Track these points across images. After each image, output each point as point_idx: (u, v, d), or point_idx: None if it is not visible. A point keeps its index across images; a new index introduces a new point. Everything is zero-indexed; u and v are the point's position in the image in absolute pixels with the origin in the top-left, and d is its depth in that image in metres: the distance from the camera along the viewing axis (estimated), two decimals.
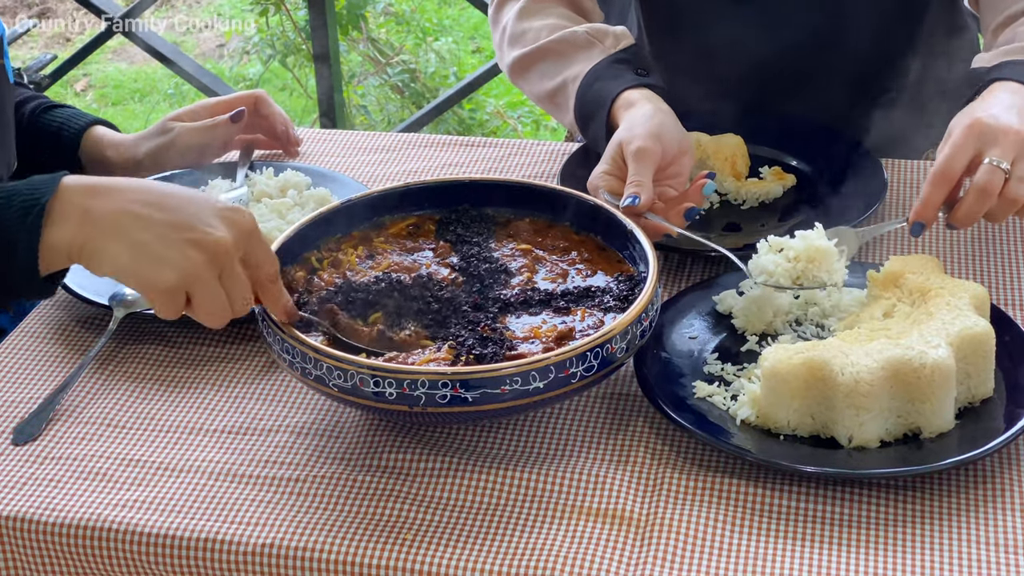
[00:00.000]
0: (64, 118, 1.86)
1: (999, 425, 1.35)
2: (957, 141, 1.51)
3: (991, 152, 1.49)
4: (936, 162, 1.52)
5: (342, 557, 1.27)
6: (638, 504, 1.32)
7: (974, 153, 1.50)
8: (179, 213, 1.27)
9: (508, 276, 1.50)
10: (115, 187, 1.29)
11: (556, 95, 1.83)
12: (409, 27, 4.70)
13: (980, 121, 1.51)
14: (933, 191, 1.51)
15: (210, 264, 1.26)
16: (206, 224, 1.26)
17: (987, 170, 1.48)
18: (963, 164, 1.51)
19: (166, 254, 1.25)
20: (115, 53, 5.39)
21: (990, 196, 1.49)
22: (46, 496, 1.36)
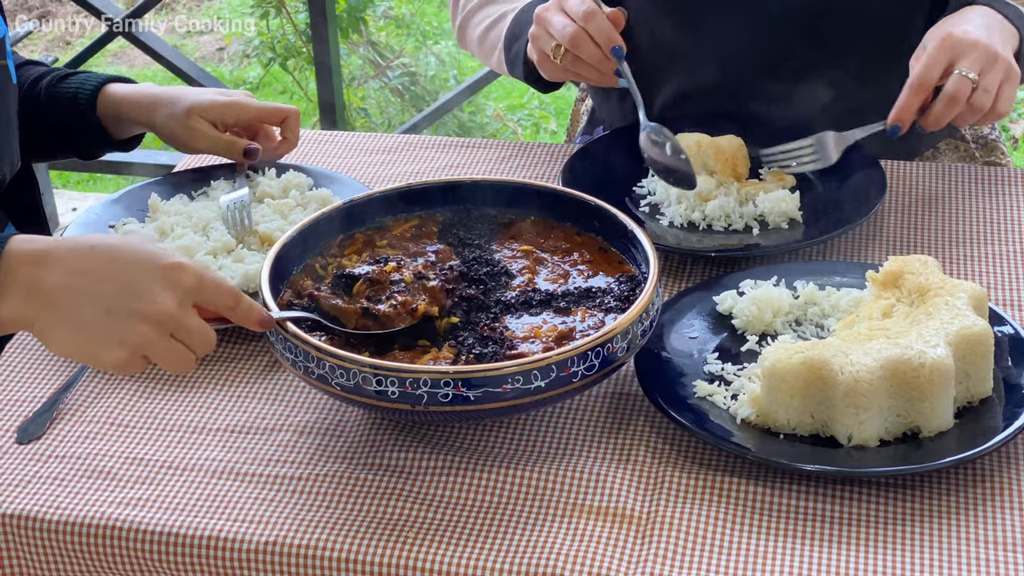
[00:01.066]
0: (77, 83, 1.85)
1: (997, 424, 1.35)
2: (932, 53, 1.65)
3: (961, 63, 1.64)
4: (913, 71, 1.67)
5: (345, 555, 1.28)
6: (639, 502, 1.33)
7: (947, 63, 1.65)
8: (122, 284, 1.26)
9: (509, 278, 1.51)
10: (59, 255, 1.27)
11: (491, 29, 1.92)
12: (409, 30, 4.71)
13: (952, 35, 1.65)
14: (910, 97, 1.67)
15: (158, 331, 1.26)
16: (149, 292, 1.26)
17: (956, 80, 1.64)
18: (937, 73, 1.65)
19: (112, 332, 1.26)
20: (115, 56, 5.40)
21: (958, 103, 1.64)
22: (50, 494, 1.37)
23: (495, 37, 1.95)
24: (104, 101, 1.84)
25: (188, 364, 1.30)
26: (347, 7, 4.24)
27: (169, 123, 1.81)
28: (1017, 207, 1.78)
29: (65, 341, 1.27)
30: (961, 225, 1.75)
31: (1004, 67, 1.66)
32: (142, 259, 1.28)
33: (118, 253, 1.28)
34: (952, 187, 1.84)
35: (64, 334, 1.27)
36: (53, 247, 1.28)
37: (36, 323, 1.27)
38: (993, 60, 1.65)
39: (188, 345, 1.29)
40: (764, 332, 1.51)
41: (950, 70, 1.65)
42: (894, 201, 1.81)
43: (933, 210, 1.79)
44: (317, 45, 3.67)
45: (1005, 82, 1.67)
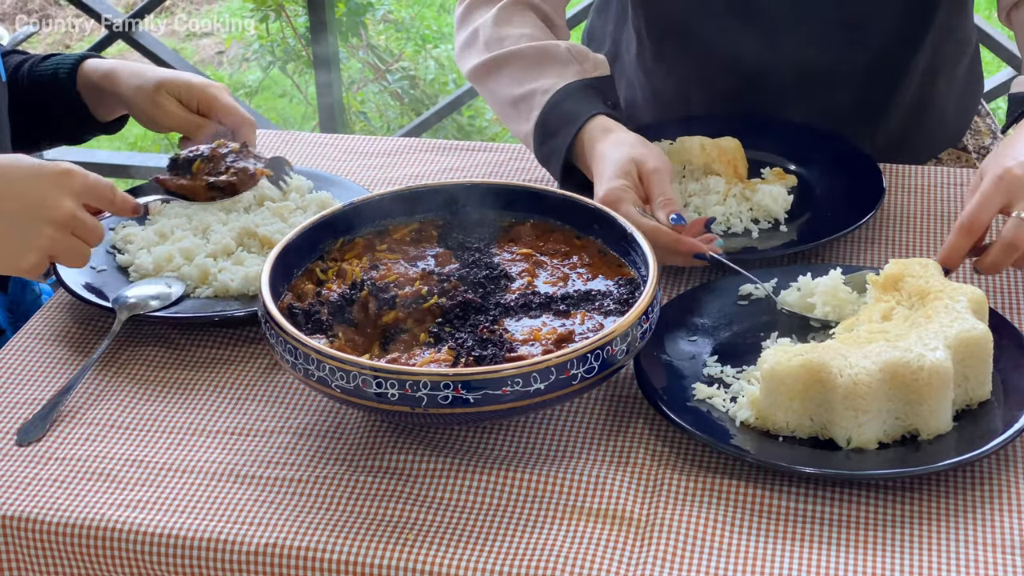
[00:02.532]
0: (56, 62, 1.86)
1: (996, 427, 1.35)
2: (986, 191, 1.50)
3: (1020, 204, 1.49)
4: (964, 210, 1.52)
5: (344, 557, 1.28)
6: (638, 505, 1.33)
7: (1002, 204, 1.50)
8: (22, 197, 1.45)
9: (509, 281, 1.51)
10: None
11: (520, 102, 1.81)
12: (408, 34, 4.71)
13: (1010, 171, 1.50)
14: (959, 240, 1.51)
15: (62, 232, 1.46)
16: (50, 199, 1.45)
17: (1015, 224, 1.49)
18: (991, 215, 1.50)
19: (23, 240, 1.45)
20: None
21: (1016, 250, 1.49)
22: (50, 496, 1.37)
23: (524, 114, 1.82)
24: (83, 75, 1.84)
25: (85, 259, 1.50)
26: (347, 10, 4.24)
27: (139, 96, 1.81)
28: None
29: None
30: None
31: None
32: (33, 173, 1.46)
33: (7, 172, 1.46)
34: (952, 190, 1.84)
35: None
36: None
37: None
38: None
39: (86, 240, 1.49)
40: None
41: (1007, 211, 1.50)
42: (894, 204, 1.81)
43: (933, 213, 1.79)
44: (317, 48, 3.67)
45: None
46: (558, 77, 1.78)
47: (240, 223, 1.71)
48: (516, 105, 1.82)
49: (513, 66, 1.83)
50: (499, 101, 1.86)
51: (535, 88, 1.79)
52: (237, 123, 1.80)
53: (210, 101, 1.80)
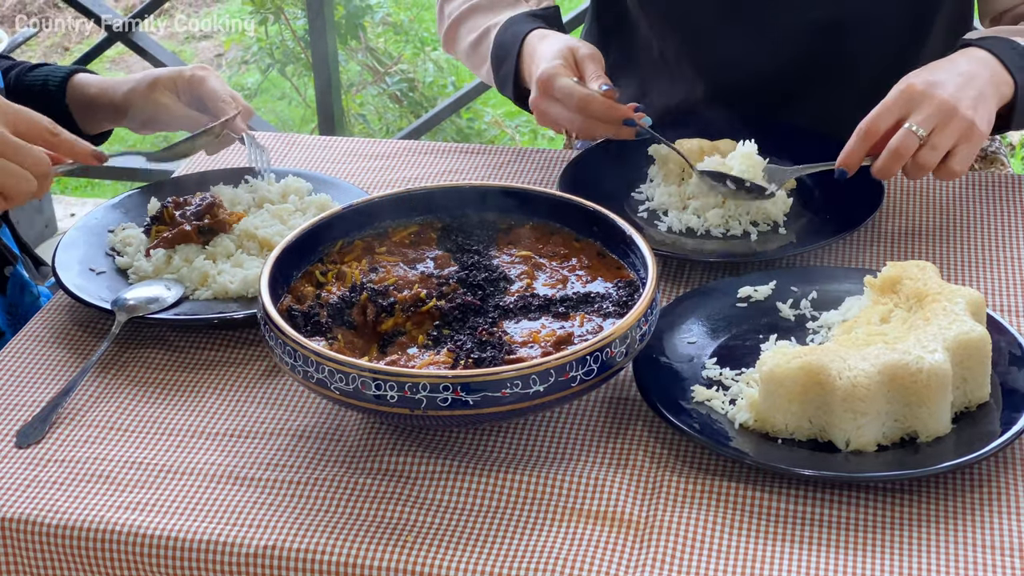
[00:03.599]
0: (46, 72, 1.87)
1: (995, 429, 1.36)
2: (887, 102, 1.62)
3: (914, 117, 1.60)
4: (865, 117, 1.63)
5: (343, 559, 1.28)
6: (637, 507, 1.33)
7: (900, 115, 1.61)
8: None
9: (508, 283, 1.51)
10: None
11: (479, 44, 1.94)
12: (407, 37, 4.71)
13: (912, 85, 1.62)
14: (857, 143, 1.64)
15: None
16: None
17: (903, 134, 1.60)
18: (886, 123, 1.62)
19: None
20: (113, 62, 5.40)
21: (901, 158, 1.60)
22: (49, 498, 1.37)
23: (482, 54, 1.96)
24: (73, 88, 1.85)
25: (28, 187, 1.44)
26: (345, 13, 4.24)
27: (135, 99, 1.82)
28: (1015, 213, 1.79)
29: None
30: (959, 231, 1.75)
31: (962, 127, 1.59)
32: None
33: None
34: (950, 192, 1.84)
35: None
36: None
37: None
38: (949, 117, 1.59)
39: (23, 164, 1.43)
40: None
41: (901, 122, 1.61)
42: (892, 207, 1.81)
43: (931, 216, 1.79)
44: (316, 51, 3.68)
45: (962, 142, 1.60)
46: (508, 13, 1.93)
47: (240, 225, 1.71)
48: (476, 49, 1.96)
49: (469, 18, 1.98)
50: (465, 53, 2.00)
51: (488, 26, 1.93)
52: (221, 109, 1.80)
53: (198, 84, 1.81)
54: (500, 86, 1.93)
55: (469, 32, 1.98)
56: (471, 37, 1.98)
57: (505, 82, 1.90)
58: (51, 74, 1.87)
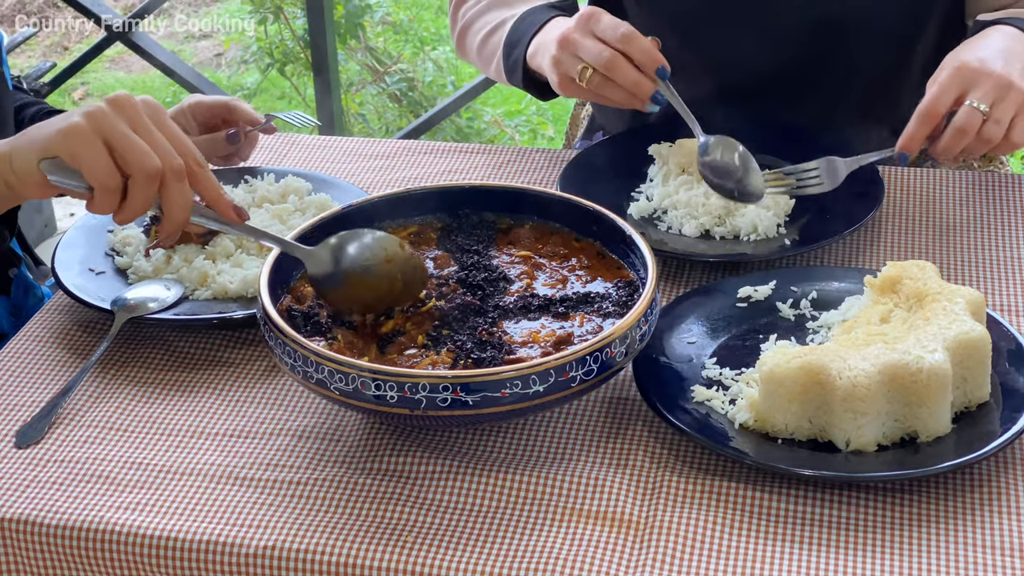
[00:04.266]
0: None
1: (995, 429, 1.36)
2: (943, 82, 1.63)
3: (973, 94, 1.61)
4: (924, 100, 1.64)
5: (343, 559, 1.28)
6: (637, 507, 1.33)
7: (958, 93, 1.62)
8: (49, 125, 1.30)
9: (508, 283, 1.51)
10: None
11: (491, 36, 1.92)
12: (407, 36, 4.72)
13: (966, 64, 1.63)
14: (918, 126, 1.64)
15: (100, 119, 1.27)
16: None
17: (967, 111, 1.60)
18: (948, 103, 1.62)
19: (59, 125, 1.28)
20: (112, 62, 5.40)
21: (967, 135, 1.61)
22: (49, 499, 1.37)
23: (494, 44, 1.94)
24: None
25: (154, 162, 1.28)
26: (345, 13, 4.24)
27: None
28: (1015, 212, 1.79)
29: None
30: (959, 231, 1.75)
31: (1020, 98, 1.62)
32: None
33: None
34: (950, 192, 1.84)
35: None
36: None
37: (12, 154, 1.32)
38: (1007, 90, 1.61)
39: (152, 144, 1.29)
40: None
41: (961, 100, 1.62)
42: (892, 206, 1.81)
43: (931, 215, 1.79)
44: (315, 51, 3.68)
45: (1020, 114, 1.62)
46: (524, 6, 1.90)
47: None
48: (487, 40, 1.92)
49: (485, 14, 1.95)
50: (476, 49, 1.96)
51: (504, 18, 1.90)
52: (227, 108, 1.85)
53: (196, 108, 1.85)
54: (508, 73, 1.88)
55: (482, 27, 1.95)
56: (484, 31, 1.94)
57: (515, 68, 1.86)
58: None
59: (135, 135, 1.28)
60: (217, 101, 1.87)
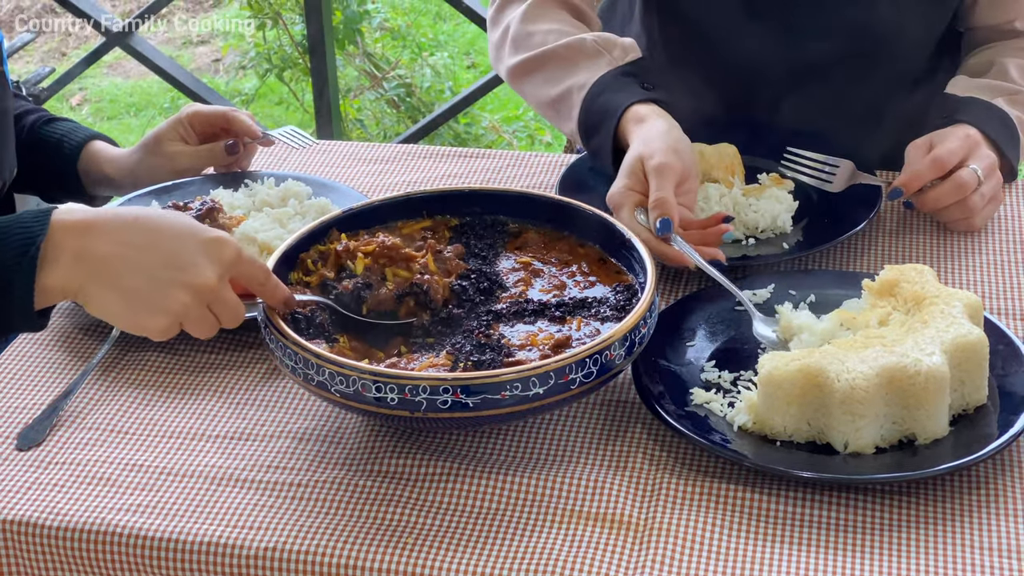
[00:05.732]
0: (64, 131, 1.90)
1: (992, 432, 1.36)
2: (954, 143, 1.72)
3: (973, 161, 1.71)
4: (936, 150, 1.72)
5: (343, 561, 1.29)
6: (636, 509, 1.33)
7: (963, 157, 1.72)
8: (166, 254, 1.31)
9: (502, 290, 1.51)
10: (104, 225, 1.31)
11: (559, 102, 1.85)
12: (405, 42, 4.72)
13: (973, 135, 1.74)
14: (927, 171, 1.71)
15: (198, 302, 1.32)
16: (192, 264, 1.31)
17: (969, 172, 1.70)
18: (955, 161, 1.71)
19: (156, 300, 1.30)
20: (111, 67, 5.41)
21: (961, 193, 1.70)
22: (50, 500, 1.37)
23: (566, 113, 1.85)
24: (89, 158, 1.89)
25: (212, 332, 1.35)
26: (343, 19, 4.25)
27: (148, 159, 1.87)
28: (1011, 217, 1.80)
29: (110, 305, 1.32)
30: (956, 234, 1.76)
31: (998, 187, 1.75)
32: (185, 231, 1.33)
33: (161, 224, 1.33)
34: None
35: (109, 298, 1.31)
36: (98, 216, 1.32)
37: (81, 289, 1.31)
38: (994, 173, 1.73)
39: (219, 317, 1.34)
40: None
41: (963, 163, 1.71)
42: (890, 210, 1.82)
43: (929, 219, 1.80)
44: (314, 56, 3.68)
45: (992, 200, 1.75)
46: (591, 71, 1.82)
47: (240, 229, 1.72)
48: (556, 107, 1.86)
49: (545, 67, 1.87)
50: (539, 103, 1.90)
51: (570, 86, 1.83)
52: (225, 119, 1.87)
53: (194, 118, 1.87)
54: (592, 154, 1.83)
55: (546, 84, 1.87)
56: (549, 92, 1.86)
57: (598, 155, 1.80)
58: (67, 136, 1.89)
59: (205, 316, 1.34)
60: (215, 111, 1.88)
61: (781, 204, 1.76)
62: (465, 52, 5.18)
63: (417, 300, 1.48)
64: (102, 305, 1.31)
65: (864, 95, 1.95)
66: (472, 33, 5.20)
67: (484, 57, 5.11)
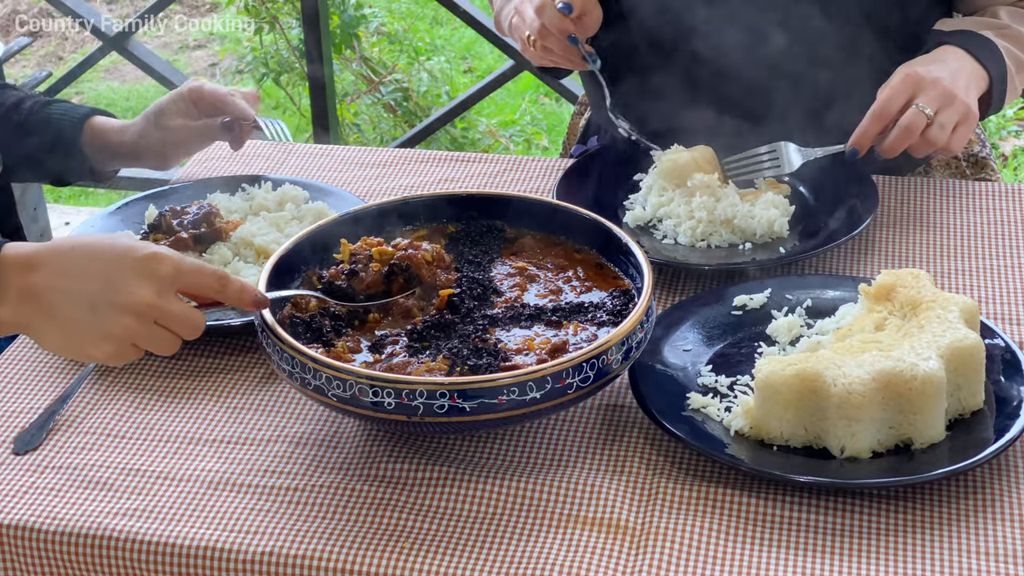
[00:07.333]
0: (63, 111, 1.91)
1: (989, 436, 1.36)
2: (895, 86, 1.76)
3: (920, 99, 1.74)
4: (876, 101, 1.76)
5: (340, 565, 1.29)
6: (633, 513, 1.33)
7: (908, 97, 1.75)
8: (101, 280, 1.29)
9: (497, 296, 1.51)
10: (44, 259, 1.31)
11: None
12: (402, 46, 4.72)
13: (916, 72, 1.76)
14: (870, 124, 1.76)
15: (140, 321, 1.29)
16: (126, 285, 1.29)
17: (913, 113, 1.73)
18: (897, 105, 1.75)
19: (98, 328, 1.29)
20: (107, 72, 5.41)
21: (911, 135, 1.73)
22: (46, 505, 1.37)
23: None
24: (91, 131, 1.89)
25: (174, 347, 1.32)
26: (340, 23, 4.25)
27: (148, 131, 1.88)
28: (1007, 222, 1.80)
29: (56, 340, 1.31)
30: (952, 239, 1.76)
31: (962, 109, 1.75)
32: (118, 253, 1.30)
33: (95, 250, 1.31)
34: (943, 202, 1.85)
35: (54, 333, 1.31)
36: (39, 251, 1.31)
37: (29, 325, 1.31)
38: (951, 99, 1.74)
39: (173, 330, 1.31)
40: None
41: (910, 104, 1.74)
42: (886, 215, 1.82)
43: (925, 224, 1.80)
44: (310, 61, 3.68)
45: (961, 123, 1.76)
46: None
47: (237, 233, 1.72)
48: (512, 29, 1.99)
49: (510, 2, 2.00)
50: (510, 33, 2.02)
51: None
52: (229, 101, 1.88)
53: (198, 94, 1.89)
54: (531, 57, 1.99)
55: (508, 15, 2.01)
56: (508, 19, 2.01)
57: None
58: (67, 114, 1.90)
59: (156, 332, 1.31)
60: (215, 92, 1.89)
61: (777, 209, 1.76)
62: (462, 56, 5.18)
63: (406, 277, 1.48)
64: (48, 340, 1.31)
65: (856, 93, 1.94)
66: (469, 38, 5.20)
67: (481, 61, 5.12)
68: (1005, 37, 1.85)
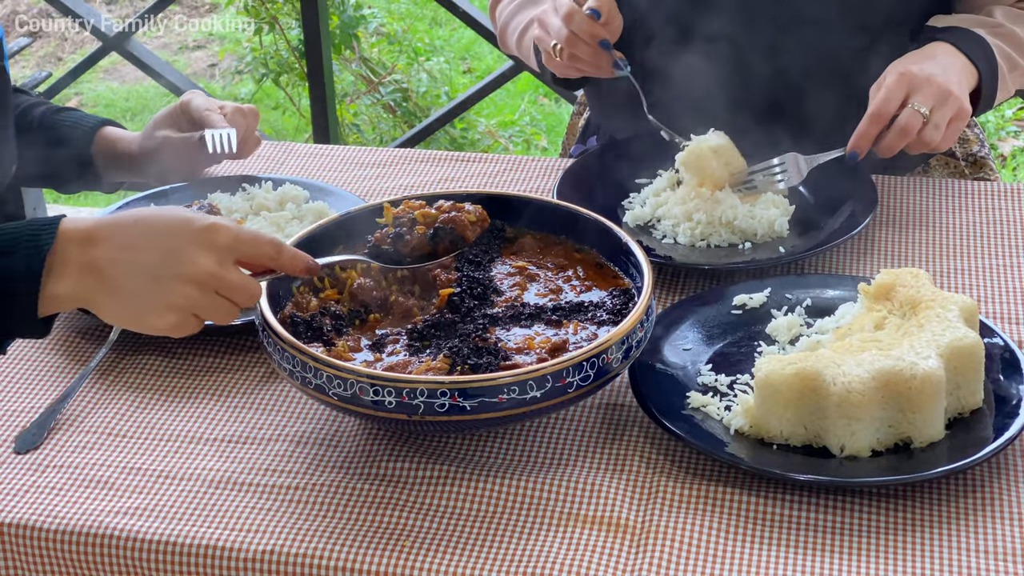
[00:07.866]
0: (74, 120, 1.93)
1: (988, 435, 1.37)
2: (890, 86, 1.75)
3: (915, 98, 1.74)
4: (872, 103, 1.76)
5: (341, 564, 1.29)
6: (633, 512, 1.34)
7: (903, 97, 1.75)
8: (162, 251, 1.31)
9: (497, 295, 1.51)
10: (105, 232, 1.32)
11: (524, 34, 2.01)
12: (401, 47, 4.72)
13: (910, 70, 1.76)
14: (868, 126, 1.76)
15: (202, 290, 1.31)
16: (188, 256, 1.31)
17: (909, 113, 1.73)
18: (894, 106, 1.75)
19: (160, 299, 1.31)
20: (107, 72, 5.41)
21: (908, 135, 1.73)
22: (48, 504, 1.37)
23: (528, 43, 2.01)
24: (102, 140, 1.91)
25: (232, 315, 1.35)
26: (340, 23, 4.25)
27: (145, 144, 1.90)
28: (1006, 221, 1.80)
29: (118, 312, 1.33)
30: (952, 239, 1.77)
31: (955, 106, 1.75)
32: (178, 225, 1.32)
33: (156, 223, 1.33)
34: (942, 201, 1.85)
35: (117, 306, 1.32)
36: (98, 225, 1.33)
37: (90, 299, 1.32)
38: (945, 98, 1.74)
39: (232, 300, 1.33)
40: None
41: (905, 103, 1.74)
42: (886, 215, 1.83)
43: (924, 224, 1.80)
44: (310, 61, 3.68)
45: (955, 120, 1.76)
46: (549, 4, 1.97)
47: None
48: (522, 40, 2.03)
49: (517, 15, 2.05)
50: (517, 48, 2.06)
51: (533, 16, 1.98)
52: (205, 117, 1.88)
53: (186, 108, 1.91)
54: (541, 70, 2.01)
55: (516, 27, 2.04)
56: (518, 31, 2.04)
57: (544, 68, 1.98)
58: (78, 123, 1.93)
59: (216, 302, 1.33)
60: (197, 107, 1.90)
61: (777, 208, 1.77)
62: (461, 57, 5.18)
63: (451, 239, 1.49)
64: (110, 312, 1.33)
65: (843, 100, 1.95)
66: (468, 38, 5.20)
67: (480, 62, 5.12)
68: (998, 36, 1.85)
